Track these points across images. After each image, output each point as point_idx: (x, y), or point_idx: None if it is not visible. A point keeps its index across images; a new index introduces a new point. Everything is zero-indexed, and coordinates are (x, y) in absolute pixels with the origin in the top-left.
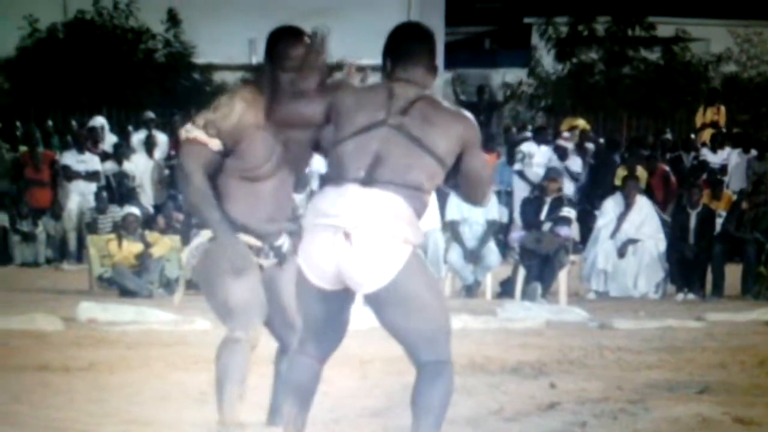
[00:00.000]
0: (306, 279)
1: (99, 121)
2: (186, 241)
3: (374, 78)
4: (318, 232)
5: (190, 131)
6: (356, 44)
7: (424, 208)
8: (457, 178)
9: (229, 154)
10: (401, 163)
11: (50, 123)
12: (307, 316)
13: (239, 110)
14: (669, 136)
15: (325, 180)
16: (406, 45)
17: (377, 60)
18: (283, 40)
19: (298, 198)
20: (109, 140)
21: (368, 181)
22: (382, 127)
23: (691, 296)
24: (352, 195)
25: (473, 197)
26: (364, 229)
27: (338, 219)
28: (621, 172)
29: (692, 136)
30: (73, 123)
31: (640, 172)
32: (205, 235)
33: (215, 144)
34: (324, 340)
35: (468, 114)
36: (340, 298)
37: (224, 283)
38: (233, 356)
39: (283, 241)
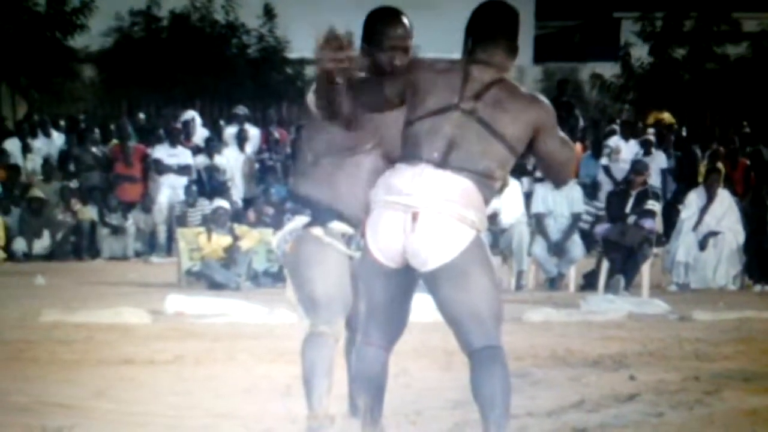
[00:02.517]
0: (370, 256)
1: (190, 114)
2: (278, 226)
3: None
4: (388, 209)
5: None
6: (451, 38)
7: (493, 194)
8: (539, 162)
9: (332, 133)
10: (474, 149)
11: (143, 117)
12: (370, 301)
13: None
14: (748, 130)
15: (399, 156)
16: (487, 24)
17: None
18: (382, 19)
19: None
20: (201, 134)
21: (442, 164)
22: (455, 111)
23: None
24: (425, 176)
25: (557, 178)
26: (433, 210)
27: (410, 198)
28: (703, 166)
29: None
30: (164, 117)
31: (721, 165)
32: (299, 220)
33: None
34: (387, 327)
35: (542, 98)
36: (403, 278)
37: (311, 274)
38: (319, 350)
39: None
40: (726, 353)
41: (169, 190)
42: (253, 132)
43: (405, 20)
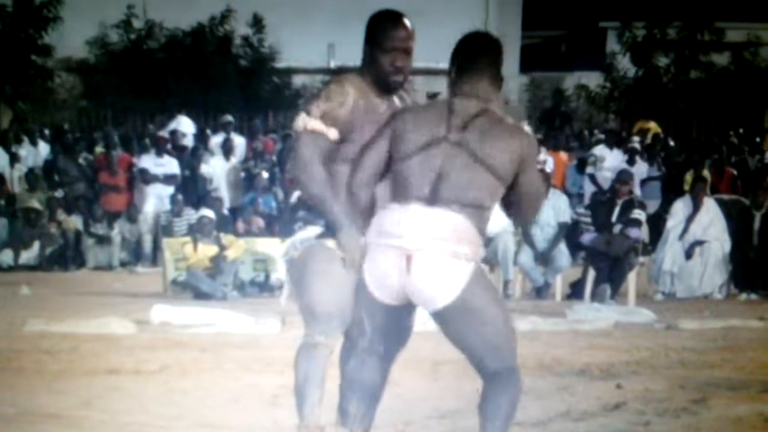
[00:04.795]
0: (371, 294)
1: (182, 120)
2: (287, 233)
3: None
4: (382, 251)
5: (308, 121)
6: (434, 48)
7: (485, 224)
8: (510, 195)
9: (340, 143)
10: (463, 180)
11: (128, 126)
12: (372, 321)
13: (352, 95)
14: (734, 139)
15: (391, 195)
16: (470, 56)
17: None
18: (385, 21)
19: None
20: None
21: (432, 199)
22: (443, 144)
23: (753, 296)
24: (415, 215)
25: (526, 213)
26: (427, 251)
27: (401, 240)
28: (689, 175)
29: (757, 139)
30: (151, 126)
31: (707, 174)
32: (312, 230)
33: (333, 133)
34: (391, 340)
35: (527, 129)
36: (404, 309)
37: (317, 285)
38: (313, 360)
39: None
40: (712, 362)
41: (156, 199)
42: (239, 141)
43: (407, 23)
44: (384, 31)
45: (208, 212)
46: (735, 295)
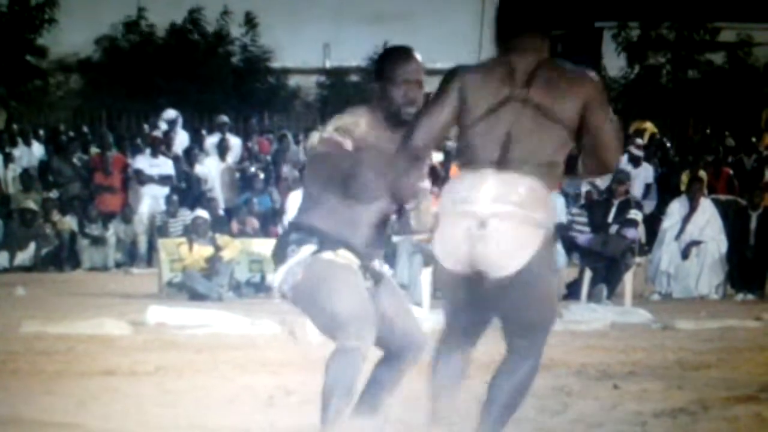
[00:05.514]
0: (443, 267)
1: (171, 114)
2: (280, 259)
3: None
4: (453, 219)
5: (324, 132)
6: (430, 49)
7: (557, 179)
8: (579, 146)
9: (348, 173)
10: (533, 139)
11: (122, 126)
12: (450, 310)
13: (364, 123)
14: (731, 139)
15: (459, 163)
16: (518, 12)
17: (452, 64)
18: (396, 56)
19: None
20: (181, 141)
21: (502, 162)
22: (508, 104)
23: (750, 296)
24: (487, 180)
25: (604, 162)
26: (500, 215)
27: (474, 206)
28: (685, 175)
29: (753, 139)
30: (145, 127)
31: (703, 174)
32: (306, 250)
33: (348, 144)
34: (469, 333)
35: (590, 73)
36: (476, 283)
37: (331, 292)
38: (346, 367)
39: (379, 264)
40: (709, 362)
41: (151, 200)
42: (235, 141)
43: (417, 56)
44: (395, 66)
45: (202, 213)
46: (731, 296)
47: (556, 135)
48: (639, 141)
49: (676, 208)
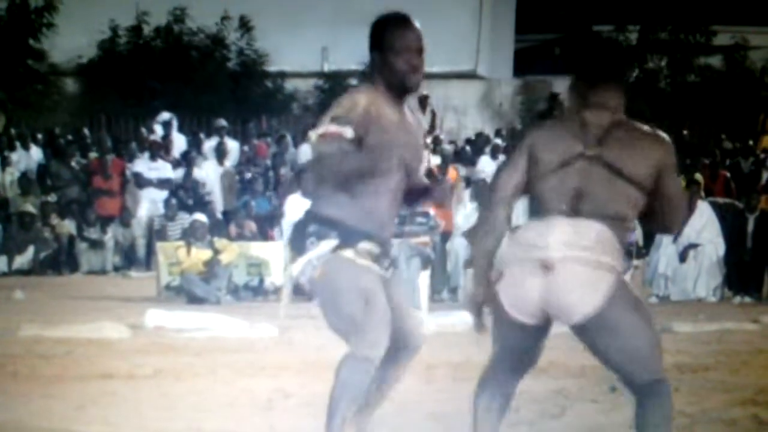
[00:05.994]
0: (506, 314)
1: (167, 116)
2: (299, 250)
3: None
4: (521, 265)
5: (320, 129)
6: (428, 52)
7: (627, 235)
8: (652, 205)
9: (355, 149)
10: (603, 195)
11: (121, 129)
12: (503, 351)
13: (363, 101)
14: (728, 143)
15: (529, 215)
16: (600, 67)
17: (450, 68)
18: (393, 23)
19: None
20: (179, 142)
21: (573, 213)
22: (580, 160)
23: (747, 299)
24: (557, 226)
25: (671, 222)
26: (571, 260)
27: (544, 251)
28: (682, 178)
29: (750, 142)
30: (143, 131)
31: (699, 177)
32: (326, 244)
33: (348, 131)
34: (518, 371)
35: (663, 135)
36: (540, 330)
37: (351, 297)
38: (356, 374)
39: (395, 248)
40: (707, 364)
41: (149, 203)
42: (233, 145)
43: (414, 22)
44: (394, 34)
45: (201, 216)
46: (729, 298)
47: (628, 192)
48: None
49: None
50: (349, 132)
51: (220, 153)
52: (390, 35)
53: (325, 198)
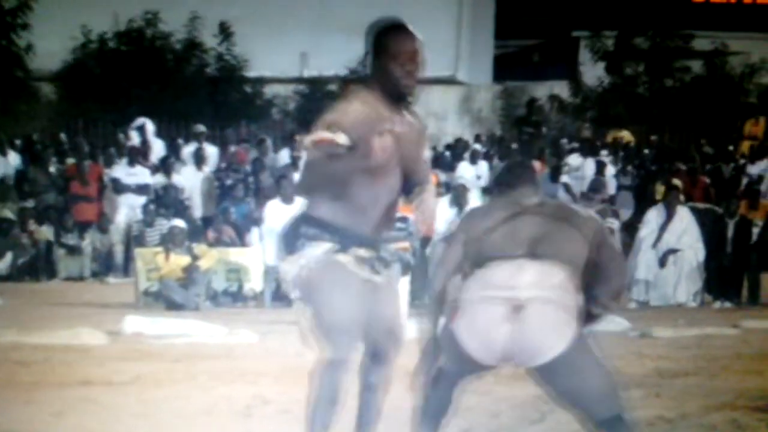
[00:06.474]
0: (463, 352)
1: (141, 121)
2: (289, 248)
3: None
4: (485, 306)
5: (314, 135)
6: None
7: (579, 281)
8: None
9: (350, 152)
10: (557, 240)
11: (98, 135)
12: (451, 371)
13: (357, 106)
14: (709, 148)
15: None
16: (511, 178)
17: (429, 73)
18: (392, 30)
19: None
20: (157, 146)
21: (533, 255)
22: (525, 214)
23: (727, 304)
24: (524, 267)
25: (612, 289)
26: (540, 301)
27: (512, 291)
28: (659, 184)
29: (730, 147)
30: (121, 136)
31: (677, 182)
32: (321, 247)
33: (342, 138)
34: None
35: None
36: (489, 369)
37: (334, 302)
38: (323, 376)
39: (389, 253)
40: (687, 370)
41: (127, 209)
42: (212, 150)
43: (413, 30)
44: (392, 40)
45: (179, 222)
46: (709, 303)
47: (577, 239)
48: (603, 151)
49: (653, 216)
50: (342, 138)
51: (199, 158)
52: (388, 42)
53: (318, 201)
